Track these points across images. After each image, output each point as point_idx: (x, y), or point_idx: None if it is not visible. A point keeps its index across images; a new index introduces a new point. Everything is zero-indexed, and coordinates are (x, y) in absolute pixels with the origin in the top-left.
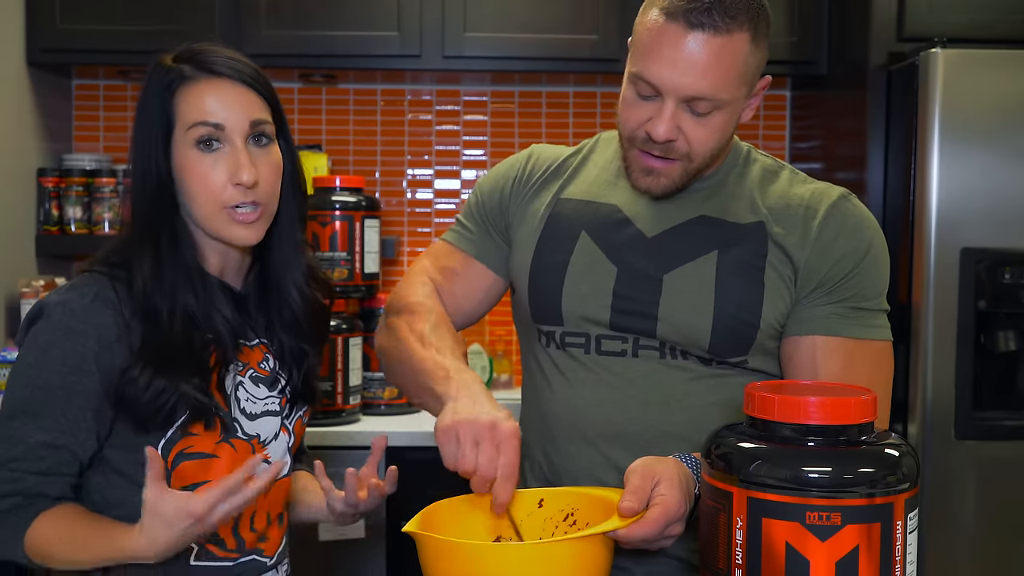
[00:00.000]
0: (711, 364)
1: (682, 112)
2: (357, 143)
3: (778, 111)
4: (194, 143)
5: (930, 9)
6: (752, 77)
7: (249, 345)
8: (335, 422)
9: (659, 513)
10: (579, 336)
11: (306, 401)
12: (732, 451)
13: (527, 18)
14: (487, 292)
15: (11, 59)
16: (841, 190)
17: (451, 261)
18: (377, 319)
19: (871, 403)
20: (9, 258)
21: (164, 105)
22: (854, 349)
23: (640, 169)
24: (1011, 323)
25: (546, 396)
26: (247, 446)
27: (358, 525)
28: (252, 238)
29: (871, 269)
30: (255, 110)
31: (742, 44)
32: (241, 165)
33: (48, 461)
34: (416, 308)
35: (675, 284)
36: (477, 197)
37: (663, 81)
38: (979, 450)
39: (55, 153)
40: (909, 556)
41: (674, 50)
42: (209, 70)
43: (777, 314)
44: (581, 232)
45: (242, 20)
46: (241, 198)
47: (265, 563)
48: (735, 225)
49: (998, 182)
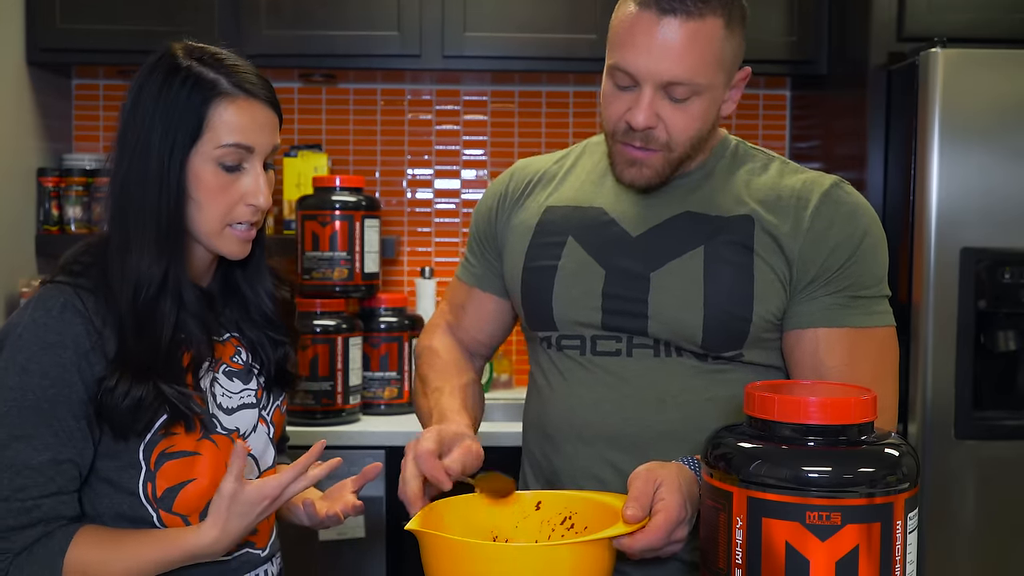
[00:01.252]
0: (706, 360)
1: (660, 99)
2: (357, 143)
3: (778, 111)
4: (219, 162)
5: (930, 9)
6: (729, 65)
7: (220, 340)
8: (335, 422)
9: (662, 520)
10: (574, 339)
11: (283, 388)
12: (732, 451)
13: (526, 18)
14: (498, 318)
15: (11, 59)
16: (833, 178)
17: (459, 297)
18: (377, 318)
19: (871, 403)
20: (9, 258)
21: (195, 113)
22: (857, 338)
23: (624, 161)
24: (1011, 323)
25: (545, 397)
26: (228, 441)
27: (358, 525)
28: (245, 253)
29: (868, 256)
30: (276, 134)
31: (715, 29)
32: (260, 189)
33: (58, 481)
34: (423, 353)
35: (663, 281)
36: (472, 228)
37: (639, 68)
38: (979, 450)
39: (55, 153)
40: (909, 556)
41: (648, 37)
42: (246, 89)
43: (770, 306)
44: (568, 237)
45: (242, 20)
46: (248, 217)
47: (259, 555)
48: (720, 219)
49: (998, 182)
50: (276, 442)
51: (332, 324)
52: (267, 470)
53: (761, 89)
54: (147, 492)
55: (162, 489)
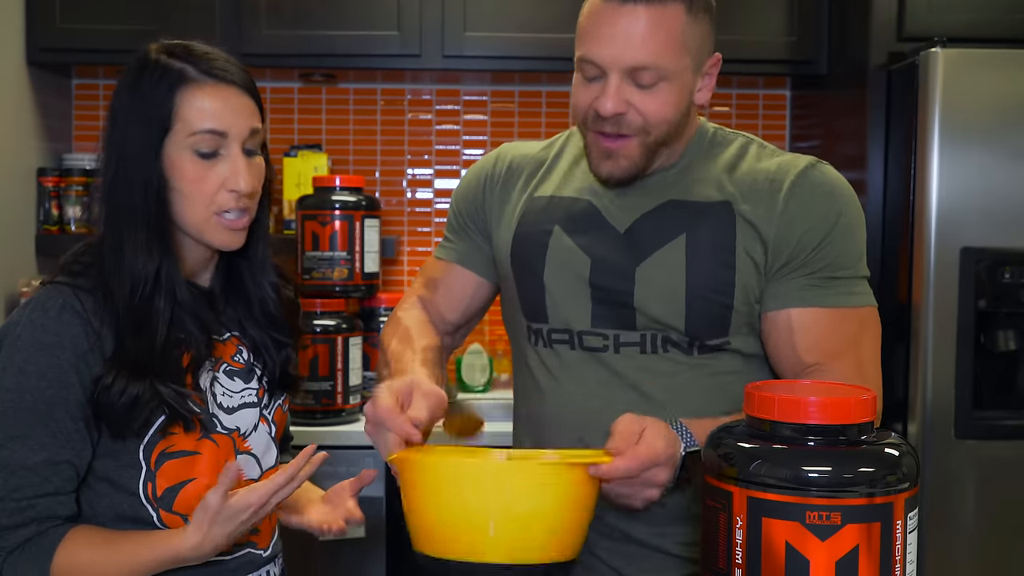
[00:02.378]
0: (692, 352)
1: (627, 86)
2: (357, 143)
3: (778, 111)
4: (194, 149)
5: (930, 9)
6: (695, 50)
7: (221, 340)
8: (335, 422)
9: (643, 450)
10: (563, 332)
11: (285, 390)
12: (732, 451)
13: (527, 18)
14: (472, 295)
15: (11, 59)
16: (809, 159)
17: (434, 272)
18: (377, 318)
19: (871, 403)
20: (9, 258)
21: (164, 104)
22: (831, 319)
23: (599, 154)
24: (1011, 323)
25: (535, 395)
26: (228, 440)
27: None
28: (237, 243)
29: (844, 237)
30: (254, 118)
31: (677, 14)
32: (239, 172)
33: (55, 481)
34: (387, 324)
35: (647, 273)
36: (453, 207)
37: (603, 57)
38: (979, 450)
39: (55, 153)
40: (909, 556)
41: (611, 26)
42: (214, 75)
43: (751, 293)
44: (554, 227)
45: (242, 20)
46: (233, 204)
47: (261, 555)
48: (701, 204)
49: (998, 182)
50: (279, 441)
51: (332, 324)
52: (269, 469)
53: (761, 89)
54: (147, 492)
55: (162, 489)
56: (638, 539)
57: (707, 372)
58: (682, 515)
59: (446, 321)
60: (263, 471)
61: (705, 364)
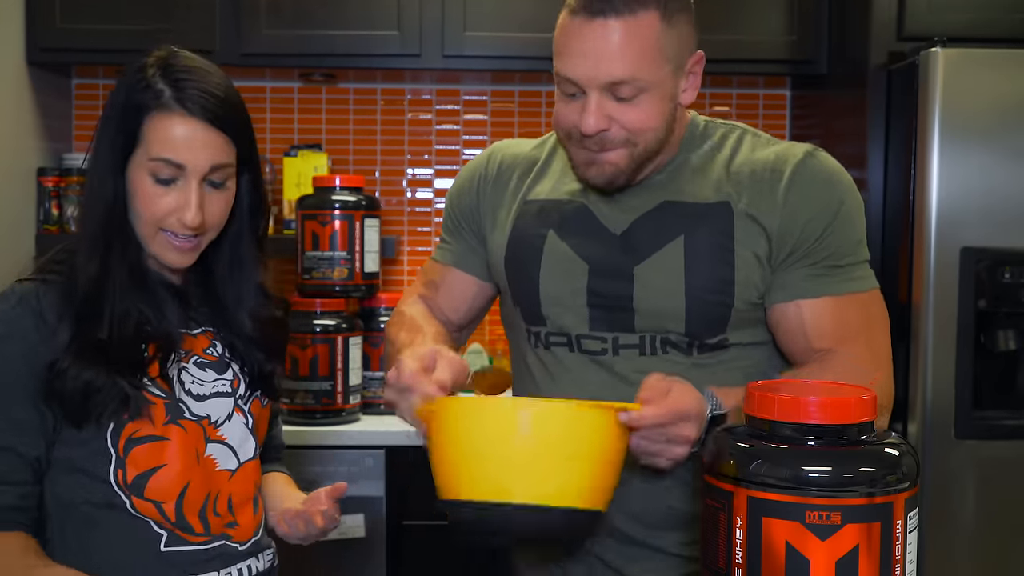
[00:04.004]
0: (691, 352)
1: (607, 101)
2: (357, 142)
3: (778, 111)
4: (151, 173)
5: (930, 8)
6: (675, 55)
7: (191, 334)
8: (335, 422)
9: (673, 401)
10: (561, 336)
11: (265, 394)
12: (732, 451)
13: (527, 17)
14: (472, 298)
15: (11, 59)
16: (806, 147)
17: (433, 275)
18: (377, 318)
19: (871, 403)
20: (9, 257)
21: (132, 123)
22: (841, 305)
23: (583, 162)
24: (1011, 323)
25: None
26: (198, 427)
27: (358, 525)
28: (185, 261)
29: (845, 225)
30: (219, 155)
31: (651, 23)
32: (189, 206)
33: None
34: (391, 319)
35: (646, 275)
36: (448, 209)
37: (578, 74)
38: (979, 450)
39: (55, 153)
40: (909, 556)
41: (582, 42)
42: (186, 106)
43: (753, 290)
44: (549, 232)
45: (242, 20)
46: (177, 229)
47: (236, 548)
48: (698, 205)
49: (998, 181)
50: (263, 440)
51: (332, 324)
52: (247, 461)
53: (761, 89)
54: (118, 479)
55: (132, 476)
56: (638, 539)
57: (707, 371)
58: (682, 515)
59: (449, 321)
60: (241, 462)
61: (705, 363)
